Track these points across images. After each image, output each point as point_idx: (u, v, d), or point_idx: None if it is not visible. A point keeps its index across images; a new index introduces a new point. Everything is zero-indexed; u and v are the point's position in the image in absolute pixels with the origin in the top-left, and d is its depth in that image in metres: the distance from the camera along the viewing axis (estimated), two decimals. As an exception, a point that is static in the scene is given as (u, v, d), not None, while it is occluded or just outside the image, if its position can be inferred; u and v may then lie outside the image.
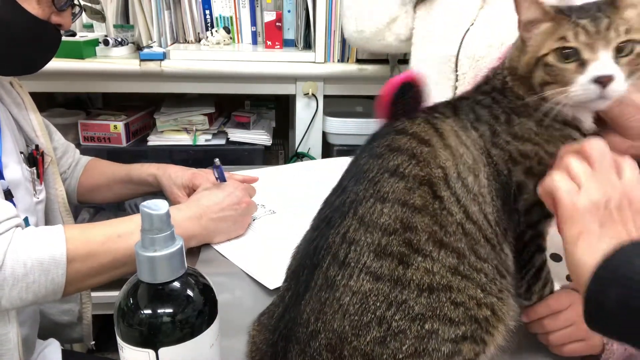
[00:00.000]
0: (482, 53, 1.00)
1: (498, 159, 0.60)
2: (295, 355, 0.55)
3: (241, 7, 1.76)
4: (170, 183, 1.07)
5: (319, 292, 0.55)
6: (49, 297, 0.72)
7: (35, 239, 0.71)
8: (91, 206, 1.84)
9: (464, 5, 1.09)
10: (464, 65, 1.03)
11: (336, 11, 1.58)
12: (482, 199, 0.59)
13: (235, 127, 1.78)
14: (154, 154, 1.73)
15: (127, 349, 0.47)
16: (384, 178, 0.58)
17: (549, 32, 0.59)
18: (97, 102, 1.99)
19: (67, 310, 1.03)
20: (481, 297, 0.56)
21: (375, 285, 0.53)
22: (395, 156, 0.59)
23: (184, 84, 1.62)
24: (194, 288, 0.50)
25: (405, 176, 0.57)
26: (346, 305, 0.53)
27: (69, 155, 1.14)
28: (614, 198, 0.49)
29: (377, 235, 0.55)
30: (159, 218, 0.46)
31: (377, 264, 0.54)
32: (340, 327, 0.53)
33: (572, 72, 0.57)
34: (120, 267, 0.77)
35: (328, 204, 0.62)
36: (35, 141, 0.96)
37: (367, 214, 0.56)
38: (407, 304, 0.53)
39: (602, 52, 0.55)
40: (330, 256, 0.56)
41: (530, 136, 0.60)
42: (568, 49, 0.57)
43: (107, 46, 1.58)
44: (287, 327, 0.56)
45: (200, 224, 0.89)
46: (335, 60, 1.64)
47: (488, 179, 0.60)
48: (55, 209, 0.99)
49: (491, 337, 0.57)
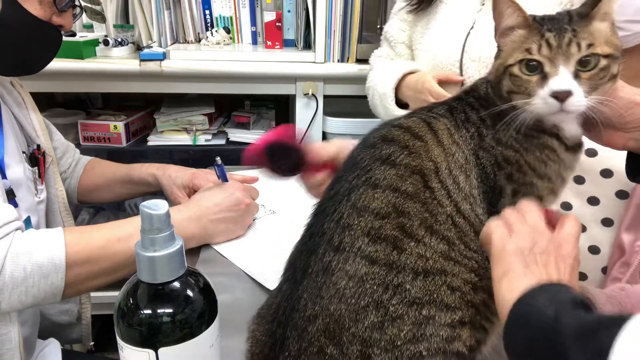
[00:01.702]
0: (489, 54, 1.00)
1: (485, 162, 0.61)
2: (293, 341, 0.55)
3: (241, 7, 1.76)
4: (170, 183, 1.07)
5: (316, 277, 0.55)
6: (48, 300, 0.72)
7: (35, 242, 0.71)
8: (91, 206, 1.84)
9: (462, 10, 1.10)
10: (469, 68, 1.05)
11: (336, 11, 1.58)
12: (473, 200, 0.59)
13: (235, 127, 1.78)
14: (154, 154, 1.73)
15: (127, 349, 0.47)
16: (376, 166, 0.58)
17: (519, 42, 0.59)
18: (97, 102, 1.99)
19: (66, 311, 1.03)
20: (476, 280, 0.57)
21: (370, 269, 0.54)
22: (387, 146, 0.60)
23: (184, 84, 1.62)
24: (193, 288, 0.50)
25: (396, 164, 0.58)
26: (342, 289, 0.53)
27: (69, 155, 1.14)
28: (539, 244, 0.52)
29: (370, 219, 0.55)
30: (159, 218, 0.46)
31: (372, 248, 0.54)
32: (337, 310, 0.53)
33: (534, 85, 0.57)
34: (120, 270, 0.77)
35: (324, 195, 0.63)
36: (36, 141, 0.96)
37: (359, 200, 0.57)
38: (403, 287, 0.53)
39: (562, 67, 0.55)
40: (326, 242, 0.56)
41: (512, 143, 0.60)
42: (533, 62, 0.57)
43: (107, 46, 1.58)
44: (285, 313, 0.57)
45: (199, 224, 0.89)
46: (335, 60, 1.64)
47: (477, 180, 0.60)
48: (55, 209, 0.99)
49: (491, 324, 0.57)
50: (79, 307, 1.04)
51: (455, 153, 0.60)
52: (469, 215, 0.58)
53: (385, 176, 0.57)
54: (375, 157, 0.59)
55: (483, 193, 0.60)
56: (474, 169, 0.60)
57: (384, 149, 0.60)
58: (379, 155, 0.59)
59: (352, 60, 1.64)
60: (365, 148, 0.61)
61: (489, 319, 0.57)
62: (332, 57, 1.63)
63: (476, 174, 0.60)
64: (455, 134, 0.61)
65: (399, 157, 0.58)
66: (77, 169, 1.16)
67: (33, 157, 0.93)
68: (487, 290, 0.57)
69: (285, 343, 0.55)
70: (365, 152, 0.61)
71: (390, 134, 0.61)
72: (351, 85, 1.65)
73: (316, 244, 0.57)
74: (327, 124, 1.68)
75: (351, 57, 1.64)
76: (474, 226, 0.58)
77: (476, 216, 0.59)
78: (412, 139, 0.60)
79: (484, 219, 0.60)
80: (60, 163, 1.10)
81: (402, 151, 0.59)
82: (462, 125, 0.62)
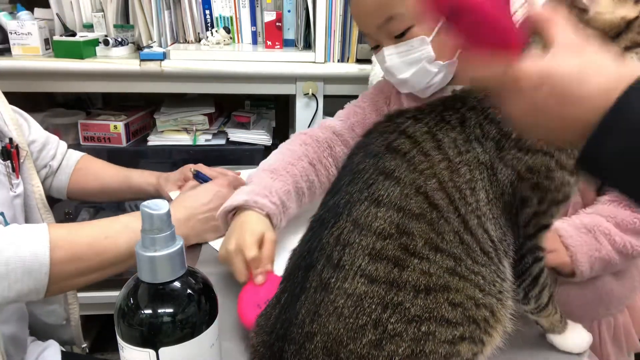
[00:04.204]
0: None
1: (503, 178, 0.59)
2: (291, 355, 0.55)
3: (241, 7, 1.76)
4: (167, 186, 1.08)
5: (314, 293, 0.55)
6: (31, 296, 0.71)
7: (18, 237, 0.70)
8: (91, 206, 1.84)
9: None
10: None
11: (336, 11, 1.58)
12: (480, 213, 0.58)
13: (235, 127, 1.78)
14: (154, 154, 1.73)
15: (127, 349, 0.47)
16: (380, 180, 0.57)
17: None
18: (97, 102, 1.99)
19: (52, 312, 1.01)
20: (480, 297, 0.56)
21: (370, 287, 0.53)
22: (392, 158, 0.58)
23: (184, 84, 1.62)
24: (194, 288, 0.50)
25: (401, 181, 0.56)
26: (341, 308, 0.53)
27: (50, 147, 1.10)
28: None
29: (371, 239, 0.54)
30: (159, 218, 0.46)
31: (372, 267, 0.53)
32: (336, 329, 0.53)
33: None
34: (107, 267, 0.76)
35: (323, 205, 0.61)
36: (7, 134, 0.93)
37: (361, 217, 0.55)
38: (403, 305, 0.53)
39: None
40: (324, 258, 0.55)
41: (542, 146, 0.58)
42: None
43: (107, 46, 1.58)
44: (283, 327, 0.56)
45: (188, 226, 0.88)
46: (335, 60, 1.64)
47: (488, 197, 0.59)
48: (33, 205, 0.96)
49: (489, 337, 0.57)
50: (66, 308, 1.02)
51: (460, 168, 0.58)
52: (477, 232, 0.57)
53: (389, 193, 0.56)
54: (379, 170, 0.57)
55: (497, 208, 0.59)
56: (485, 185, 0.59)
57: (387, 160, 0.58)
58: (383, 168, 0.57)
59: (352, 60, 1.64)
60: (368, 156, 0.59)
61: (488, 332, 0.57)
62: (332, 57, 1.63)
63: (486, 189, 0.59)
64: (463, 148, 0.59)
65: (403, 172, 0.57)
66: (68, 166, 1.13)
67: (5, 150, 0.90)
68: (491, 308, 0.56)
69: (284, 356, 0.55)
70: (368, 161, 0.59)
71: (395, 143, 0.59)
72: (351, 85, 1.65)
73: (315, 259, 0.56)
74: (327, 124, 1.68)
75: (351, 57, 1.64)
76: (481, 243, 0.57)
77: (484, 231, 0.58)
78: (418, 154, 0.58)
79: (496, 234, 0.59)
80: (40, 156, 1.07)
81: (407, 166, 0.57)
82: (475, 139, 0.59)
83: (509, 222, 0.60)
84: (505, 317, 0.58)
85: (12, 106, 0.99)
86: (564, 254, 0.80)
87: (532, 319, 0.67)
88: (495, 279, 0.58)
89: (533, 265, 0.63)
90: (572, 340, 0.68)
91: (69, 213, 1.82)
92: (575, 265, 0.80)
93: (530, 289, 0.64)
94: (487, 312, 0.56)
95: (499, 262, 0.60)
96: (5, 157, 0.89)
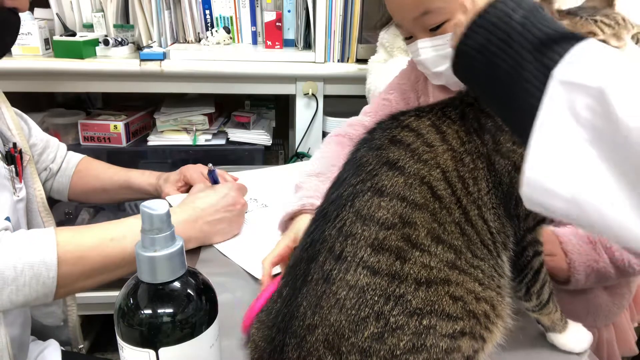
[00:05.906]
0: None
1: (501, 168, 0.60)
2: (292, 349, 0.54)
3: (241, 7, 1.76)
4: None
5: (316, 285, 0.54)
6: (40, 300, 0.71)
7: (26, 242, 0.71)
8: (91, 206, 1.84)
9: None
10: None
11: (336, 11, 1.58)
12: (481, 203, 0.58)
13: (235, 127, 1.78)
14: (154, 154, 1.73)
15: (127, 349, 0.47)
16: (383, 170, 0.57)
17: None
18: (97, 102, 1.99)
19: (50, 313, 1.01)
20: (479, 290, 0.56)
21: (372, 279, 0.53)
22: (395, 149, 0.58)
23: (184, 84, 1.62)
24: (194, 288, 0.50)
25: (404, 170, 0.56)
26: (343, 300, 0.53)
27: (50, 150, 1.11)
28: None
29: (374, 229, 0.54)
30: (159, 218, 0.46)
31: (374, 259, 0.53)
32: (337, 321, 0.53)
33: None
34: (113, 270, 0.77)
35: (326, 198, 0.61)
36: (11, 139, 0.94)
37: (364, 207, 0.55)
38: (405, 298, 0.53)
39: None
40: (327, 250, 0.55)
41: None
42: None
43: (107, 46, 1.58)
44: (285, 320, 0.56)
45: (195, 227, 0.88)
46: (335, 60, 1.64)
47: (489, 186, 0.59)
48: (34, 208, 0.97)
49: (490, 333, 0.57)
50: (64, 309, 1.03)
51: (464, 158, 0.59)
52: (477, 223, 0.58)
53: (392, 183, 0.56)
54: (382, 161, 0.57)
55: (497, 198, 0.59)
56: (485, 175, 0.59)
57: (391, 151, 0.58)
58: (386, 158, 0.58)
59: (352, 60, 1.64)
60: (371, 149, 0.60)
61: (488, 328, 0.57)
62: (332, 57, 1.63)
63: (486, 180, 0.59)
64: (465, 139, 0.60)
65: (407, 162, 0.57)
66: (69, 168, 1.14)
67: (9, 155, 0.91)
68: (491, 302, 0.56)
69: (285, 350, 0.55)
70: (371, 153, 0.59)
71: (398, 136, 0.59)
72: (351, 85, 1.65)
73: (317, 251, 0.56)
74: (327, 124, 1.68)
75: (351, 57, 1.64)
76: (480, 235, 0.58)
77: (484, 222, 0.58)
78: (421, 145, 0.58)
79: (495, 225, 0.59)
80: (40, 159, 1.08)
81: (411, 156, 0.57)
82: (474, 132, 0.61)
83: (508, 214, 0.60)
84: (505, 312, 0.58)
85: (14, 108, 0.99)
86: (563, 260, 0.80)
87: (533, 317, 0.67)
88: (494, 274, 0.58)
89: (534, 259, 0.63)
90: (573, 340, 0.68)
91: (68, 213, 1.82)
92: (571, 273, 0.79)
93: (532, 284, 0.64)
94: (488, 306, 0.56)
95: (498, 256, 0.60)
96: (9, 161, 0.89)
